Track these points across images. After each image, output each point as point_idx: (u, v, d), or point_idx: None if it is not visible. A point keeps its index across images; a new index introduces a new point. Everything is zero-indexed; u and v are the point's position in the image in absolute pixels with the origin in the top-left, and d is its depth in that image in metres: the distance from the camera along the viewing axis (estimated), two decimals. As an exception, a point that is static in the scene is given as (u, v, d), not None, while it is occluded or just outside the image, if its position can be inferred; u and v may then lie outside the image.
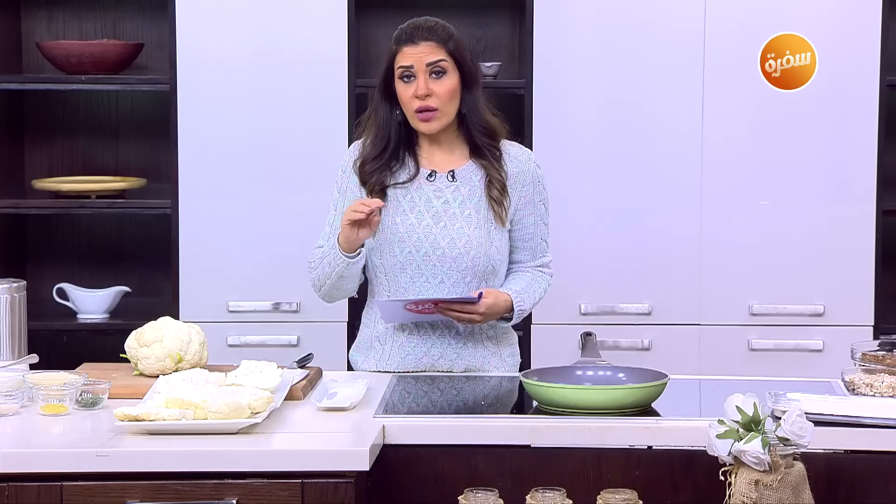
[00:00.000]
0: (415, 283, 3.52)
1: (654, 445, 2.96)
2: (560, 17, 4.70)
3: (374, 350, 3.59)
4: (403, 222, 3.52)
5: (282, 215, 4.73)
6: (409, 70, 3.48)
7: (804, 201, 4.74)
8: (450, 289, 3.51)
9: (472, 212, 3.52)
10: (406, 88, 3.49)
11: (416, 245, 3.50)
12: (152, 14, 5.15)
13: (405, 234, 3.51)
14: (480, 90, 3.56)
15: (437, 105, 3.48)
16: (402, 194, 3.53)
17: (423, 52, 3.48)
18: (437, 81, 3.48)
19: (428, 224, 3.51)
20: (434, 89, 3.47)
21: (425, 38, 3.49)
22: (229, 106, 4.75)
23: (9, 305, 3.41)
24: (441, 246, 3.50)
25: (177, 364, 3.28)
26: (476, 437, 2.96)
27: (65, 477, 2.74)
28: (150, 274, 5.18)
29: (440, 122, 3.51)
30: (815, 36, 4.69)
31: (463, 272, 3.51)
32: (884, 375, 3.18)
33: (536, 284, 3.61)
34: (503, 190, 3.54)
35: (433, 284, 3.51)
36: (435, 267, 3.51)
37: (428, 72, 3.48)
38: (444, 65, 3.48)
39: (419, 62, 3.47)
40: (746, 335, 4.76)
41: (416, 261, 3.51)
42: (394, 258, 3.51)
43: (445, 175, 3.55)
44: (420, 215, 3.52)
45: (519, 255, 3.62)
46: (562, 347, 4.53)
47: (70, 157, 5.22)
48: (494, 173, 3.54)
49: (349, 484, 2.75)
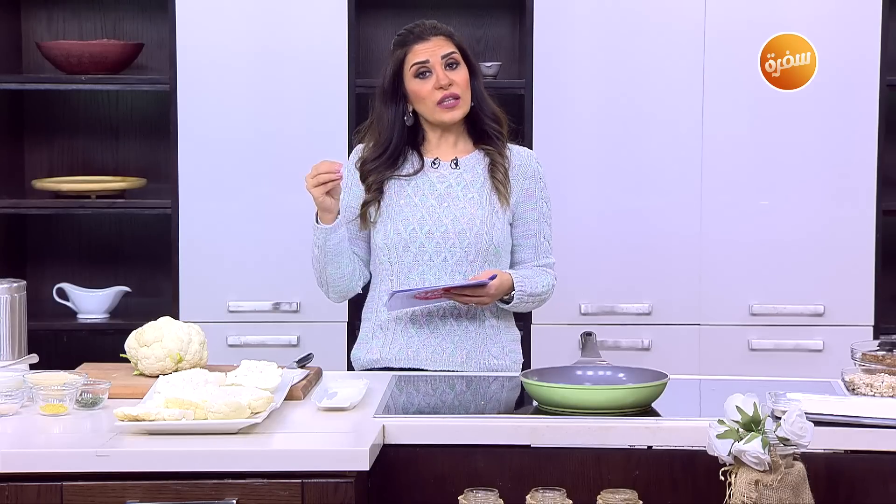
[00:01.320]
0: (418, 262, 3.55)
1: (654, 445, 2.96)
2: (560, 17, 4.71)
3: (375, 340, 3.61)
4: (408, 203, 3.58)
5: (282, 215, 4.73)
6: (424, 65, 3.55)
7: (804, 201, 4.74)
8: (453, 267, 3.55)
9: (476, 195, 3.59)
10: (424, 84, 3.55)
11: (419, 223, 3.56)
12: (152, 14, 5.15)
13: (409, 214, 3.57)
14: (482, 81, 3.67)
15: (459, 92, 3.56)
16: (407, 182, 3.59)
17: (435, 46, 3.57)
18: (453, 72, 3.57)
19: (432, 204, 3.58)
20: (453, 78, 3.56)
21: (433, 33, 3.58)
22: (229, 106, 4.75)
23: (9, 305, 3.41)
24: (444, 223, 3.55)
25: (177, 364, 3.28)
26: (476, 437, 2.96)
27: (65, 477, 2.74)
28: (150, 274, 5.18)
29: (462, 110, 3.59)
30: (815, 36, 4.69)
31: (466, 249, 3.55)
32: (884, 375, 3.18)
33: (540, 277, 3.63)
34: (506, 174, 3.60)
35: (436, 263, 3.55)
36: (438, 245, 3.55)
37: (444, 63, 3.55)
38: (456, 56, 3.58)
39: (434, 55, 3.56)
40: (746, 335, 4.76)
41: (420, 238, 3.55)
42: (398, 236, 3.55)
43: (449, 163, 3.61)
44: (424, 197, 3.58)
45: (522, 253, 3.64)
46: (562, 347, 4.53)
47: (70, 157, 5.22)
48: (498, 158, 3.61)
49: (349, 484, 2.75)
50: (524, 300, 3.58)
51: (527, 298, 3.58)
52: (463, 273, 3.56)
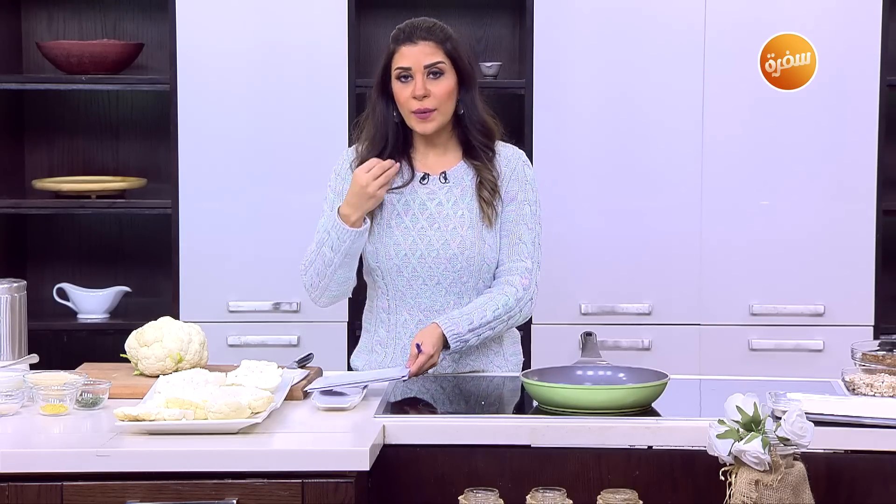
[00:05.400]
0: (412, 285, 3.52)
1: (654, 445, 2.96)
2: (560, 17, 4.71)
3: (375, 354, 3.58)
4: (399, 225, 3.52)
5: (282, 215, 4.73)
6: (406, 71, 3.48)
7: (804, 201, 4.74)
8: (447, 289, 3.51)
9: (465, 211, 3.52)
10: (403, 89, 3.49)
11: (411, 248, 3.50)
12: (152, 14, 5.15)
13: (401, 237, 3.51)
14: (477, 90, 3.56)
15: (434, 106, 3.47)
16: (397, 199, 3.53)
17: (421, 53, 3.47)
18: (434, 82, 3.47)
19: (423, 226, 3.51)
20: (431, 90, 3.47)
21: (423, 38, 3.48)
22: (229, 106, 4.75)
23: (9, 305, 3.41)
24: (435, 247, 3.50)
25: (177, 364, 3.28)
26: (476, 437, 2.96)
27: (65, 477, 2.74)
28: (150, 274, 5.18)
29: (436, 123, 3.50)
30: (815, 36, 4.69)
31: (459, 272, 3.51)
32: (884, 375, 3.18)
33: (491, 302, 3.47)
34: (493, 191, 3.52)
35: (430, 286, 3.51)
36: (431, 269, 3.51)
37: (426, 73, 3.47)
38: (442, 66, 3.48)
39: (417, 63, 3.47)
40: (746, 335, 4.76)
41: (412, 263, 3.51)
42: (389, 261, 3.51)
43: (438, 177, 3.55)
44: (415, 218, 3.52)
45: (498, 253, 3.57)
46: (562, 347, 4.53)
47: (70, 157, 5.22)
48: (486, 174, 3.53)
49: (349, 484, 2.75)
50: (470, 337, 3.44)
51: (472, 335, 3.44)
52: (457, 293, 3.51)
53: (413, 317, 3.54)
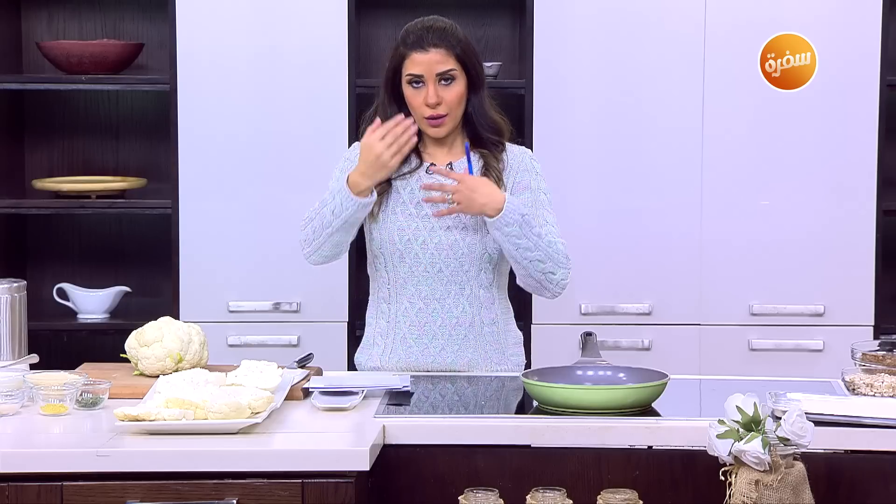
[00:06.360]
0: (413, 272, 3.54)
1: (654, 445, 2.96)
2: (560, 17, 4.71)
3: (376, 347, 3.60)
4: (403, 212, 3.55)
5: (282, 215, 4.73)
6: (418, 78, 3.51)
7: (804, 201, 4.74)
8: (448, 277, 3.53)
9: None
10: (415, 94, 3.52)
11: (414, 233, 3.53)
12: (152, 14, 5.15)
13: (405, 223, 3.53)
14: (486, 89, 3.60)
15: (446, 111, 3.52)
16: (403, 186, 3.56)
17: (432, 61, 3.49)
18: (446, 88, 3.51)
19: (426, 213, 3.54)
20: (443, 96, 3.51)
21: (435, 44, 3.50)
22: (229, 106, 4.75)
23: (9, 305, 3.41)
24: (438, 234, 3.52)
25: (177, 364, 3.28)
26: (476, 437, 2.96)
27: (65, 477, 2.74)
28: (150, 274, 5.18)
29: (448, 127, 3.55)
30: (815, 36, 4.69)
31: (460, 260, 3.53)
32: (884, 375, 3.18)
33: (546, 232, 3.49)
34: (499, 180, 3.55)
35: (431, 274, 3.53)
36: (433, 255, 3.53)
37: (437, 80, 3.50)
38: (454, 72, 3.51)
39: (429, 71, 3.49)
40: (746, 335, 4.76)
41: (415, 249, 3.53)
42: (392, 246, 3.53)
43: (444, 166, 3.57)
44: (419, 205, 3.55)
45: None
46: (562, 347, 4.53)
47: (70, 157, 5.22)
48: (493, 162, 3.56)
49: (349, 484, 2.75)
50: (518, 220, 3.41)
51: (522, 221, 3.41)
52: (458, 283, 3.54)
53: (413, 305, 3.55)
